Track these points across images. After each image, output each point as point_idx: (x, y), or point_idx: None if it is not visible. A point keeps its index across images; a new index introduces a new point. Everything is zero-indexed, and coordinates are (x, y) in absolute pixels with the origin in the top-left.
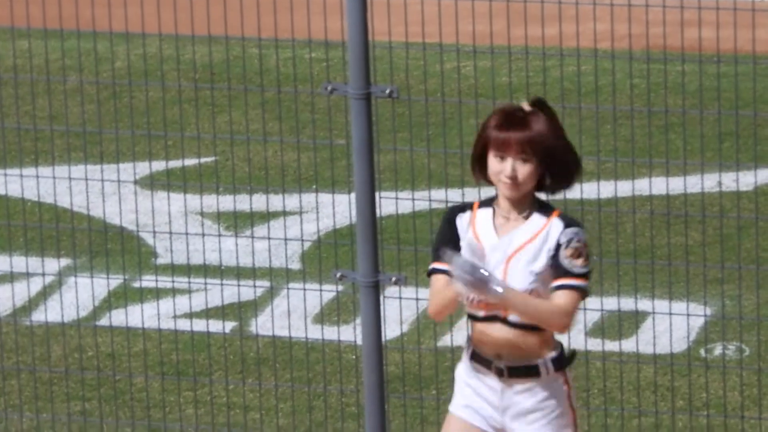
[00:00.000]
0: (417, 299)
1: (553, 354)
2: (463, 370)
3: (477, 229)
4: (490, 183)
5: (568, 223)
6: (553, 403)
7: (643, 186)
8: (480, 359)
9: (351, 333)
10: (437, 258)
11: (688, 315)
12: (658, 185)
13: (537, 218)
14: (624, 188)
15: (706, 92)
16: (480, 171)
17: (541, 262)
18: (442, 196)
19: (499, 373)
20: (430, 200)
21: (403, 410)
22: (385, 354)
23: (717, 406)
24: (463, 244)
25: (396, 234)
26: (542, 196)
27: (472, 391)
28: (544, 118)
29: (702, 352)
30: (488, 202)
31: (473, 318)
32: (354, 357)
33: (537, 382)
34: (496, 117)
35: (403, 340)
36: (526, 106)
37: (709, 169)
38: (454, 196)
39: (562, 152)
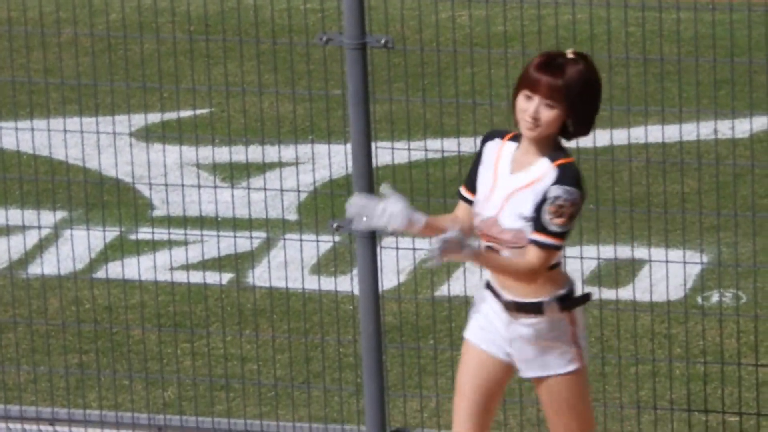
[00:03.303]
0: (414, 249)
1: (560, 292)
2: (480, 293)
3: (500, 161)
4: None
5: (561, 178)
6: (556, 340)
7: (638, 134)
8: (492, 288)
9: (348, 283)
10: (467, 182)
11: (684, 263)
12: (654, 133)
13: (543, 163)
14: (620, 136)
15: (701, 40)
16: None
17: (530, 207)
18: (438, 146)
19: (507, 306)
20: (426, 150)
21: (401, 360)
22: (382, 304)
23: (714, 354)
24: (481, 175)
25: (392, 184)
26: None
27: (483, 317)
28: (581, 68)
29: (699, 299)
30: (518, 137)
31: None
32: (351, 307)
33: (541, 319)
34: (538, 58)
35: (400, 290)
36: (570, 54)
37: (704, 116)
38: (450, 145)
39: (588, 105)
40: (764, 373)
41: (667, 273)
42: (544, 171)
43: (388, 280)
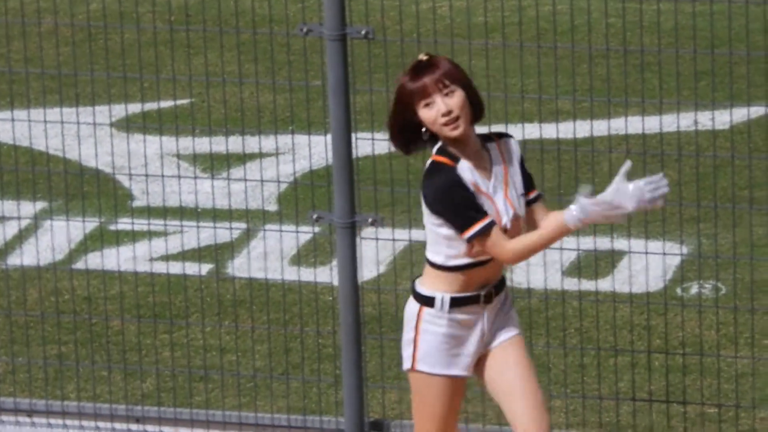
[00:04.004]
0: (393, 240)
1: None
2: (437, 326)
3: (474, 181)
4: (424, 146)
5: (514, 140)
6: (510, 301)
7: (619, 125)
8: (463, 301)
9: (328, 274)
10: (482, 215)
11: (664, 254)
12: (634, 124)
13: (492, 149)
14: (600, 127)
15: (681, 31)
16: (411, 141)
17: (521, 181)
18: None
19: (488, 298)
20: None
21: (380, 351)
22: (361, 295)
23: (693, 345)
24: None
25: (372, 175)
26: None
27: (456, 342)
28: (444, 57)
29: (678, 290)
30: (452, 156)
31: (471, 266)
32: (331, 298)
33: (505, 290)
34: (408, 74)
35: (379, 281)
36: (424, 56)
37: (684, 108)
38: None
39: (471, 83)
40: (743, 365)
41: (647, 264)
42: (497, 150)
43: (367, 271)
